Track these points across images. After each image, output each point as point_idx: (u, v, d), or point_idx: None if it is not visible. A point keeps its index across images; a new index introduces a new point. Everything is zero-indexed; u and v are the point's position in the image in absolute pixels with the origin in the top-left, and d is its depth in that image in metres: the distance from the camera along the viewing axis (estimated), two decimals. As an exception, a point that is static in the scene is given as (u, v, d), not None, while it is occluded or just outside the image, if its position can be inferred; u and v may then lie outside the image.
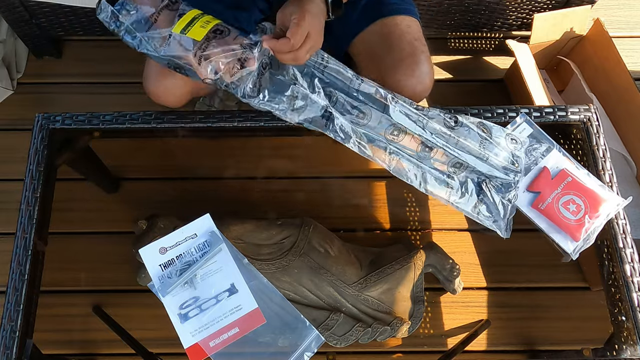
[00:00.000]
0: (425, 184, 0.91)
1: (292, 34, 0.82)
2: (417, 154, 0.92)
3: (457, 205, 0.92)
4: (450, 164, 0.92)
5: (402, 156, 0.92)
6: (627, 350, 0.89)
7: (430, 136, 0.91)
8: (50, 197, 1.00)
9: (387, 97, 0.91)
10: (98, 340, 1.24)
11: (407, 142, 0.92)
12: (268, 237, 1.13)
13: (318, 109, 0.90)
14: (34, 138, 0.99)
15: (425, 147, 0.91)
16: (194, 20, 0.88)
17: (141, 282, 1.08)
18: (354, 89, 0.92)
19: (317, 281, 1.11)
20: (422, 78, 0.97)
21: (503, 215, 0.91)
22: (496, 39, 1.59)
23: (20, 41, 1.52)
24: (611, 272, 0.94)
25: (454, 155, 0.91)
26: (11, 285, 0.90)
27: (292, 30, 0.82)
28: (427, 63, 0.98)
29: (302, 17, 0.83)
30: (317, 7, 0.85)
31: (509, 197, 0.91)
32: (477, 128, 0.92)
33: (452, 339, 1.24)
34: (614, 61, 1.33)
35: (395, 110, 0.91)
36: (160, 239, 0.85)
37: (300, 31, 0.82)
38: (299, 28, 0.82)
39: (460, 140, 0.91)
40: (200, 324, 0.82)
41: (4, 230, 1.35)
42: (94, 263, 1.31)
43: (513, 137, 0.93)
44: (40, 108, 1.41)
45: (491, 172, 0.92)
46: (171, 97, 1.00)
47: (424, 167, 0.92)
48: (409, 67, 0.97)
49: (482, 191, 0.92)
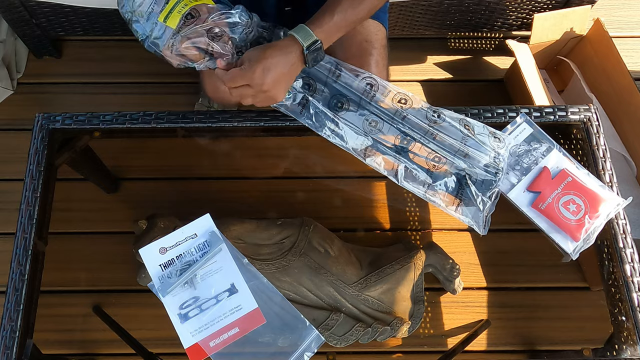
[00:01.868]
0: (402, 178, 0.90)
1: (230, 78, 0.83)
2: (395, 147, 0.91)
3: (434, 200, 0.91)
4: (430, 159, 0.91)
5: (378, 148, 0.91)
6: (627, 350, 0.89)
7: (409, 129, 0.90)
8: (50, 197, 1.00)
9: (367, 88, 0.90)
10: (98, 340, 1.24)
11: (386, 133, 0.91)
12: (268, 237, 1.13)
13: (296, 96, 0.90)
14: (34, 138, 0.99)
15: (405, 139, 0.90)
16: (175, 4, 0.86)
17: (141, 282, 1.08)
18: (332, 79, 0.91)
19: (317, 281, 1.11)
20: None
21: (481, 213, 0.90)
22: (496, 39, 1.59)
23: (20, 41, 1.52)
24: (611, 272, 0.94)
25: (433, 150, 0.90)
26: (11, 285, 0.90)
27: (232, 71, 0.83)
28: (375, 67, 0.97)
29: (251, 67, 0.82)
30: (283, 50, 0.83)
31: (489, 194, 0.91)
32: (460, 124, 0.91)
33: (452, 339, 1.24)
34: (614, 61, 1.33)
35: (374, 100, 0.90)
36: (160, 239, 0.85)
37: (236, 74, 0.83)
38: (239, 72, 0.83)
39: (441, 135, 0.90)
40: (200, 324, 0.81)
41: (4, 230, 1.35)
42: (94, 263, 1.31)
43: (497, 135, 0.92)
44: (40, 108, 1.42)
45: (471, 169, 0.91)
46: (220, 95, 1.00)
47: (402, 160, 0.91)
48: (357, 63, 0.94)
49: (461, 188, 0.91)
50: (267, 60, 0.82)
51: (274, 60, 0.82)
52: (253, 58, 0.83)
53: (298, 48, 0.84)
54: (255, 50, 0.84)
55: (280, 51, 0.83)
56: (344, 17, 0.85)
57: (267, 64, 0.82)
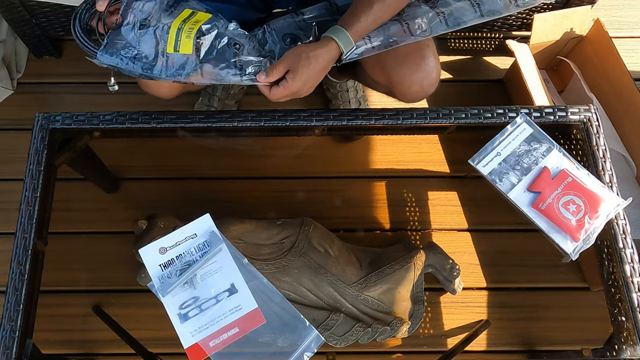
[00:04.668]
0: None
1: (274, 93, 0.86)
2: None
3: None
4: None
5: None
6: (627, 351, 0.89)
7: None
8: (50, 197, 1.00)
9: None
10: (98, 340, 1.24)
11: None
12: (268, 237, 1.13)
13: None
14: (34, 138, 0.99)
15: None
16: (178, 32, 0.88)
17: (141, 282, 1.08)
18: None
19: (317, 281, 1.11)
20: (429, 72, 0.97)
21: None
22: (496, 39, 1.59)
23: (20, 41, 1.52)
24: (611, 272, 0.94)
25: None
26: (11, 285, 0.90)
27: (277, 92, 0.85)
28: (433, 57, 0.97)
29: (294, 78, 0.84)
30: (325, 58, 0.86)
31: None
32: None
33: (452, 339, 1.24)
34: (614, 61, 1.33)
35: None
36: (160, 239, 0.85)
37: (282, 94, 0.85)
38: (284, 90, 0.85)
39: None
40: (200, 324, 0.81)
41: (4, 230, 1.35)
42: (94, 263, 1.31)
43: None
44: (40, 108, 1.41)
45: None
46: (162, 89, 1.00)
47: None
48: (415, 61, 0.96)
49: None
50: (308, 70, 0.85)
51: (315, 70, 0.86)
52: (294, 67, 0.85)
53: (337, 53, 0.87)
54: (298, 59, 0.85)
55: (322, 58, 0.86)
56: (374, 19, 0.88)
57: (309, 76, 0.85)
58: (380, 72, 1.00)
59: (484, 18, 0.94)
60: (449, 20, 0.93)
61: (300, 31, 0.95)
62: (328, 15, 0.97)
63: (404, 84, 0.97)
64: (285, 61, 0.85)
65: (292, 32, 0.95)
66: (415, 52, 0.96)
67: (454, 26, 0.93)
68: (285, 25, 0.96)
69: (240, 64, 0.87)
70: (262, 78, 0.85)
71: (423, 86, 0.97)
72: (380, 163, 1.42)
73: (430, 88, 0.99)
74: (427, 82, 0.97)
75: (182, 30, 0.88)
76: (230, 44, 0.89)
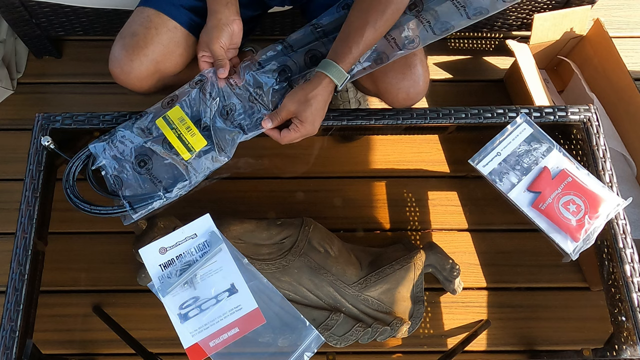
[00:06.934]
0: None
1: (284, 137, 0.91)
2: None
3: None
4: None
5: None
6: (627, 351, 0.89)
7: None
8: (50, 197, 1.00)
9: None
10: (98, 340, 1.24)
11: None
12: (268, 237, 1.13)
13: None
14: (34, 138, 0.99)
15: None
16: (180, 137, 0.93)
17: (141, 282, 1.08)
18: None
19: (317, 281, 1.11)
20: (415, 80, 0.96)
21: None
22: (496, 39, 1.59)
23: (20, 41, 1.52)
24: (611, 272, 0.94)
25: None
26: (11, 285, 0.90)
27: (288, 135, 0.91)
28: (421, 65, 0.97)
29: (302, 122, 0.89)
30: (323, 95, 0.89)
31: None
32: None
33: (452, 339, 1.24)
34: (614, 61, 1.33)
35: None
36: (160, 239, 0.85)
37: (293, 137, 0.91)
38: (295, 134, 0.90)
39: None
40: (200, 324, 0.82)
41: (4, 230, 1.35)
42: (94, 263, 1.31)
43: None
44: (40, 108, 1.42)
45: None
46: (131, 79, 1.01)
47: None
48: (401, 70, 0.96)
49: None
50: (312, 112, 0.89)
51: (318, 109, 0.89)
52: (299, 113, 0.89)
53: (333, 87, 0.90)
54: (299, 104, 0.89)
55: (320, 96, 0.89)
56: (365, 46, 0.90)
57: (314, 116, 0.89)
58: (367, 79, 1.00)
59: (472, 20, 0.93)
60: (435, 28, 0.93)
61: (287, 58, 0.97)
62: (314, 39, 0.99)
63: (391, 92, 0.97)
64: (286, 109, 0.90)
65: (282, 64, 0.97)
66: (402, 60, 0.95)
67: (442, 33, 0.93)
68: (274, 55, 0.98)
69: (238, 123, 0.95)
70: (267, 125, 0.91)
71: (410, 94, 0.97)
72: (380, 163, 1.42)
73: (418, 96, 0.99)
74: (413, 91, 0.97)
75: (182, 134, 0.92)
76: (223, 112, 0.95)
